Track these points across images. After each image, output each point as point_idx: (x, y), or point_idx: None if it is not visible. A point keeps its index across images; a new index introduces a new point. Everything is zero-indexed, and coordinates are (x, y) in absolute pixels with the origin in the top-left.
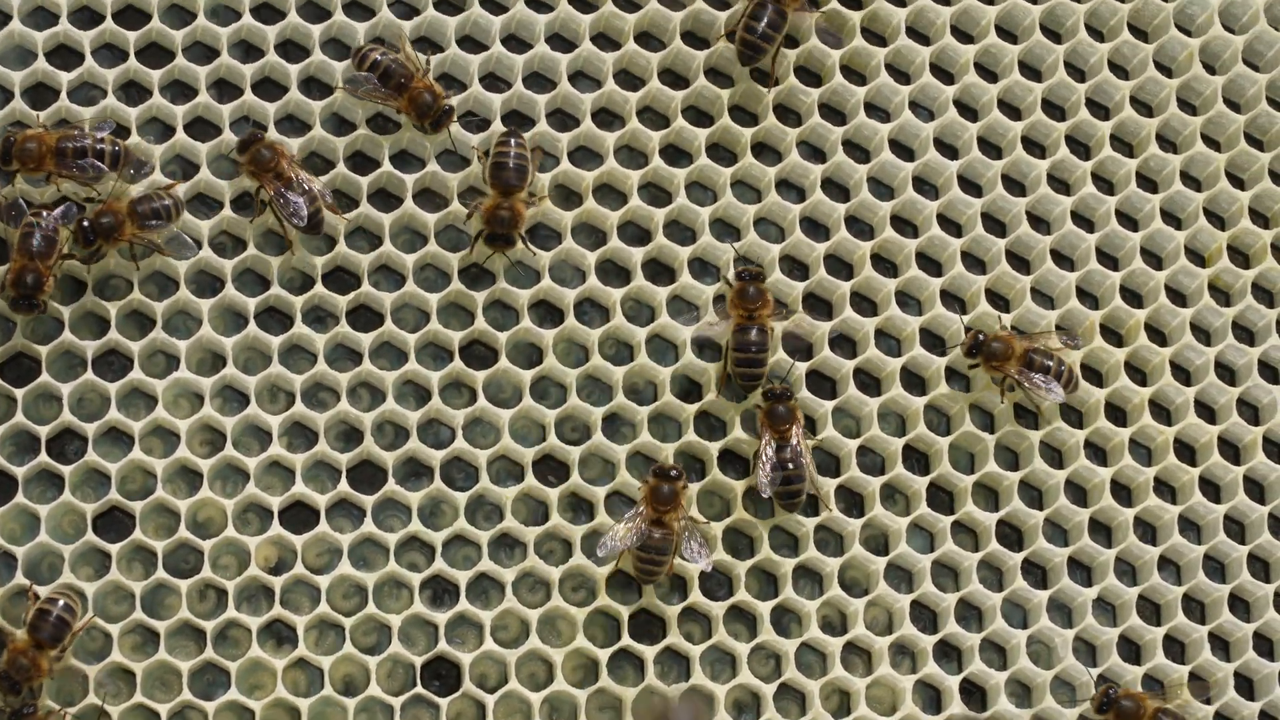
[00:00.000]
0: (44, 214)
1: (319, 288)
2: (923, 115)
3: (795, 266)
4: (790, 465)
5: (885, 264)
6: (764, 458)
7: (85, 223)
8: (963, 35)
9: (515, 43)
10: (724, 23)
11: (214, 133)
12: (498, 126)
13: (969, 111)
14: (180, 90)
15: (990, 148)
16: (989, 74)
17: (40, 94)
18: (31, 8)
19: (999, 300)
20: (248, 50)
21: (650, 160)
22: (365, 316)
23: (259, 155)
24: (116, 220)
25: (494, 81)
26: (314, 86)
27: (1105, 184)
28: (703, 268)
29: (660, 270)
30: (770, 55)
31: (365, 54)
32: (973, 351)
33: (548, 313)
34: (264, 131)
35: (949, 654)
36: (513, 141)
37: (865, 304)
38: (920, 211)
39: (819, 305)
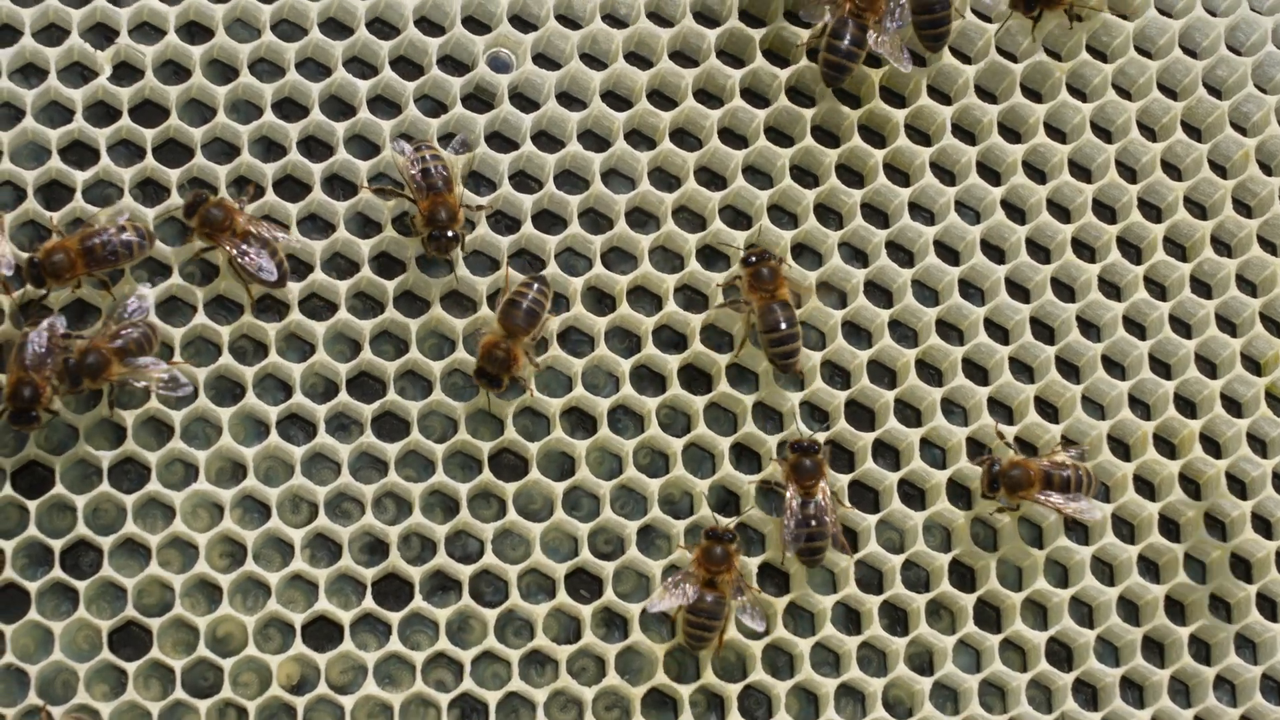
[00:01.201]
0: (39, 324)
1: (343, 395)
2: (969, 216)
3: (836, 373)
4: (814, 522)
5: (930, 370)
6: (789, 511)
7: (69, 362)
8: (1010, 133)
9: (546, 139)
10: (806, 41)
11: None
12: (528, 229)
13: (1016, 213)
14: (199, 188)
15: (1039, 250)
16: (1037, 173)
17: (54, 192)
18: (45, 103)
19: (1047, 408)
20: (269, 147)
21: (687, 263)
22: (391, 424)
23: (210, 216)
24: (101, 359)
25: (524, 180)
26: (337, 185)
27: (1158, 288)
28: (740, 374)
29: (697, 376)
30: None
31: (420, 146)
32: (993, 485)
33: (580, 421)
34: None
35: None
36: (535, 286)
37: (909, 412)
38: (966, 317)
39: (861, 413)
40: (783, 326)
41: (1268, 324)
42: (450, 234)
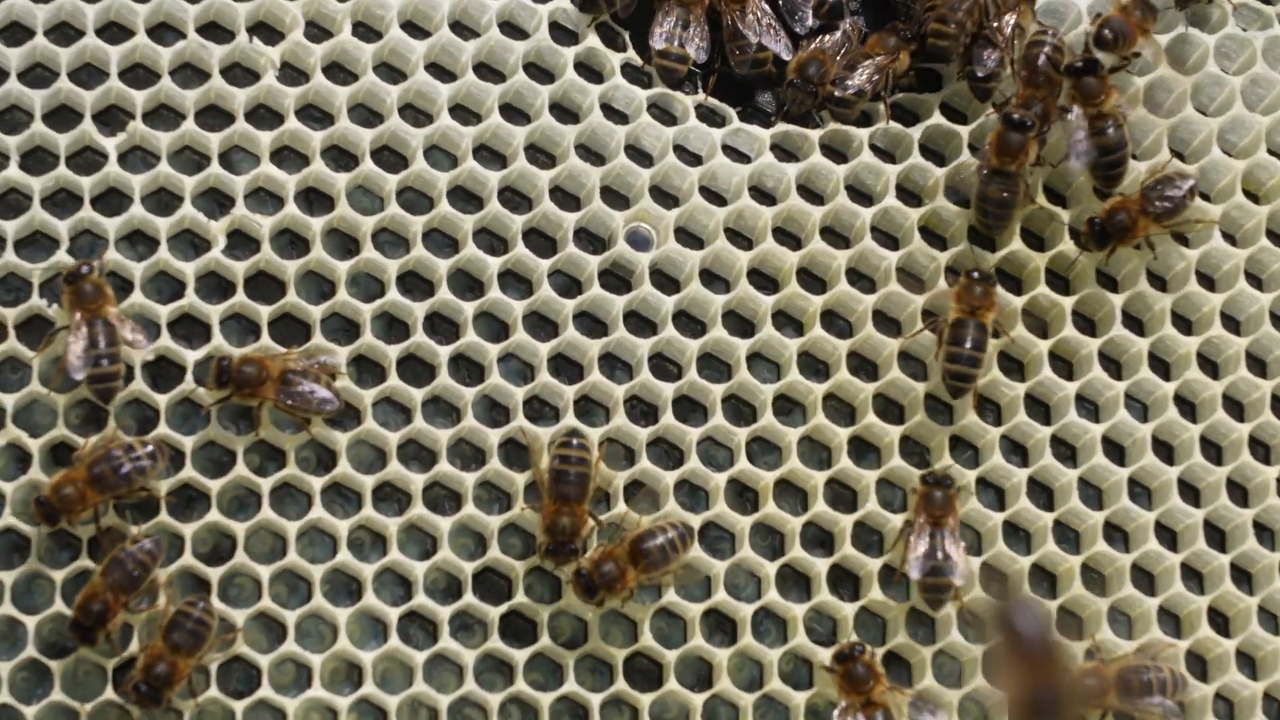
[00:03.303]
0: (138, 543)
1: (468, 596)
2: (1137, 411)
3: (994, 577)
4: (940, 554)
5: (1094, 575)
6: (914, 539)
7: (137, 687)
8: (1182, 322)
9: (687, 320)
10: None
11: (353, 423)
12: (668, 419)
13: (1188, 407)
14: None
15: (1211, 447)
16: (1210, 365)
17: (162, 369)
18: (153, 274)
19: (1219, 619)
20: (390, 324)
21: (836, 458)
22: (517, 625)
23: (245, 375)
24: (172, 669)
25: (662, 365)
26: (463, 366)
27: None
28: (888, 575)
29: (843, 577)
30: None
31: (569, 440)
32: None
33: (720, 625)
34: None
35: None
36: (673, 532)
37: (1070, 619)
38: (1134, 519)
39: None
40: (967, 347)
41: None
42: (570, 547)
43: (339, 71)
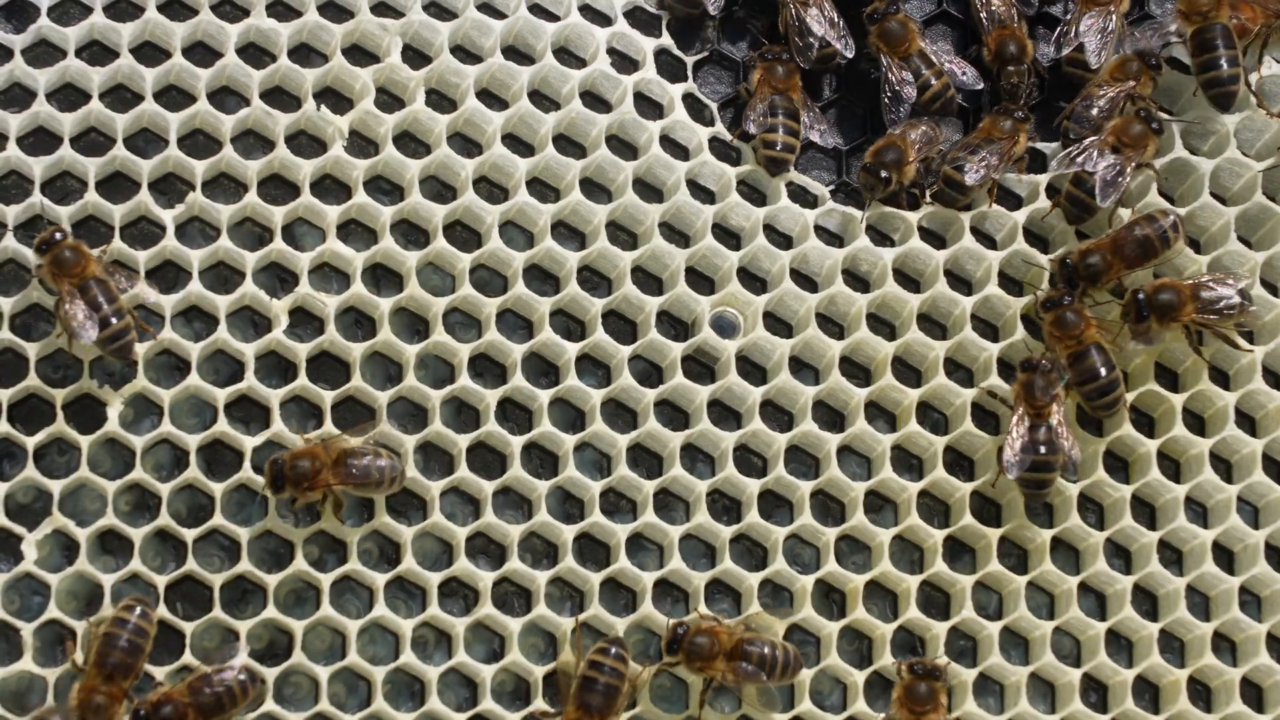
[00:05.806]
0: (134, 610)
1: (538, 700)
2: (1247, 514)
3: (1092, 686)
4: (1042, 449)
5: (1198, 688)
6: (1015, 434)
7: (141, 712)
8: None
9: (773, 411)
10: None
11: (419, 515)
12: (752, 517)
13: None
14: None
15: None
16: None
17: (217, 453)
18: (210, 353)
19: None
20: (459, 409)
21: (930, 561)
22: None
23: (300, 470)
24: (177, 712)
25: (746, 456)
26: (535, 454)
27: None
28: (985, 684)
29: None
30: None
31: (608, 648)
32: None
33: None
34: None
35: None
36: (780, 651)
37: None
38: (1244, 630)
39: None
40: (1095, 375)
41: None
42: None
43: (411, 142)
